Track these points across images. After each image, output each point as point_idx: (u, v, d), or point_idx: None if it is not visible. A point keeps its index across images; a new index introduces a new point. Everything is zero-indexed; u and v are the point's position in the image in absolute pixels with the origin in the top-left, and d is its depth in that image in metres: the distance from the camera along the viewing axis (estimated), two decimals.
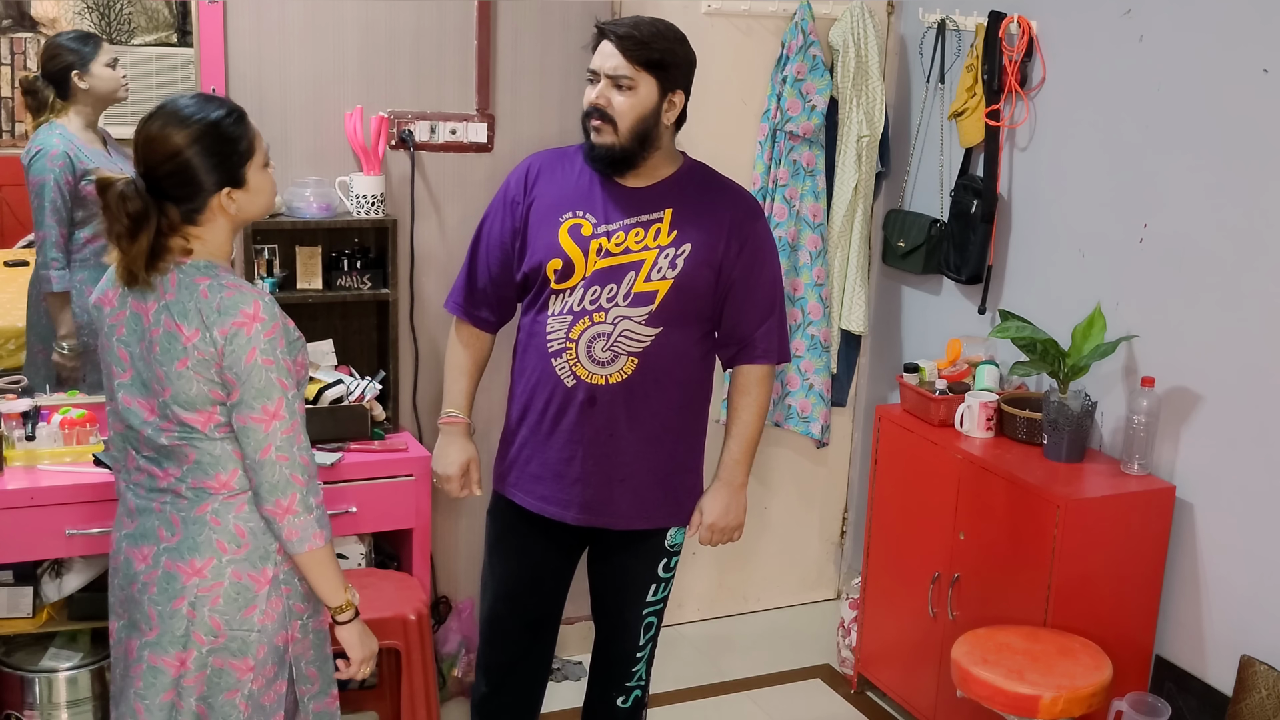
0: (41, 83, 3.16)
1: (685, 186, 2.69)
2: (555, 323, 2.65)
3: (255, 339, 2.13)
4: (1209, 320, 3.08)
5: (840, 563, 4.51)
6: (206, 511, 2.21)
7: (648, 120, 2.60)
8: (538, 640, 2.93)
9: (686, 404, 2.75)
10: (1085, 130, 3.41)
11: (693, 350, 2.71)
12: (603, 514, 2.72)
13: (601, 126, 2.59)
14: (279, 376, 2.15)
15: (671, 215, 2.64)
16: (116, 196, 2.12)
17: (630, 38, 2.55)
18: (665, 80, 2.60)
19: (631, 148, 2.60)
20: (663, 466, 2.73)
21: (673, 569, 2.85)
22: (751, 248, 2.69)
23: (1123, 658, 3.10)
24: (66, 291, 3.21)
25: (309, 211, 3.32)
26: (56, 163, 3.14)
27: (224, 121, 2.16)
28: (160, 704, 2.23)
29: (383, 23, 3.43)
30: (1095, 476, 3.19)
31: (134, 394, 2.21)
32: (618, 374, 2.64)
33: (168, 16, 3.28)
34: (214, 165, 2.15)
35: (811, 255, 3.91)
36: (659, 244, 2.62)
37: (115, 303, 2.22)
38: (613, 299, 2.61)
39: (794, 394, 4.00)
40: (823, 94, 3.83)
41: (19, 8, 3.15)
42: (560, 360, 2.65)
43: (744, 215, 2.70)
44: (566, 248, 2.63)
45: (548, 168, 2.74)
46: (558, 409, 2.68)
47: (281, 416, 2.16)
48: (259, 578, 2.23)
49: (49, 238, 3.17)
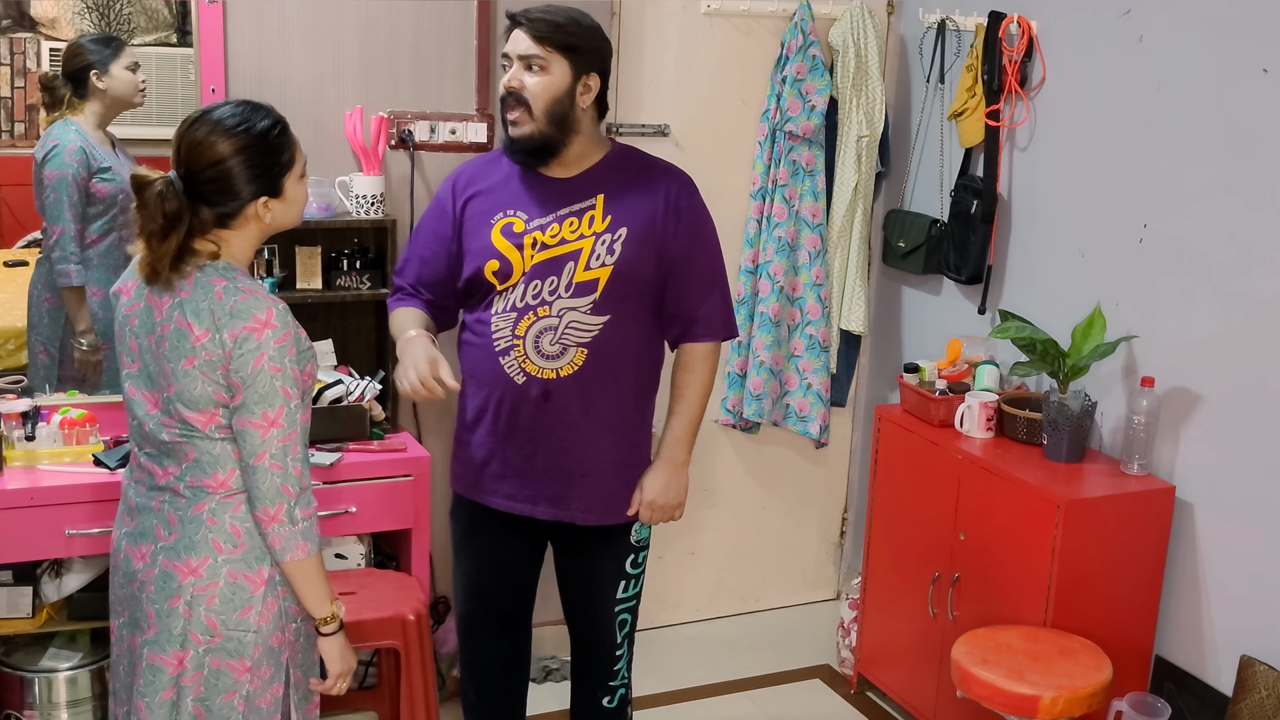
0: (60, 81, 3.17)
1: (615, 171, 2.68)
2: (500, 320, 2.63)
3: (265, 345, 2.14)
4: (1209, 320, 3.08)
5: (840, 563, 4.51)
6: (203, 511, 2.21)
7: (562, 101, 2.58)
8: (513, 637, 2.94)
9: (640, 392, 2.75)
10: (1085, 130, 3.41)
11: (641, 336, 2.70)
12: (569, 508, 2.71)
13: (519, 114, 2.57)
14: (284, 385, 2.16)
15: (604, 201, 2.63)
16: (155, 195, 2.12)
17: (540, 21, 2.56)
18: (577, 62, 2.58)
19: (550, 132, 2.58)
20: (623, 459, 2.73)
21: (641, 564, 2.84)
22: (689, 225, 2.68)
23: (1123, 658, 3.10)
24: (83, 286, 3.22)
25: (309, 211, 3.32)
26: (74, 159, 3.15)
27: (271, 133, 2.20)
28: (160, 701, 2.24)
29: (383, 23, 3.43)
30: (1095, 476, 3.19)
31: (139, 386, 2.22)
32: (568, 366, 2.62)
33: (168, 16, 3.28)
34: (256, 175, 2.17)
35: (811, 255, 3.91)
36: (594, 231, 2.61)
37: (132, 293, 2.24)
38: (555, 291, 2.60)
39: (792, 393, 4.00)
40: (822, 94, 3.83)
41: (19, 8, 3.15)
42: (509, 358, 2.63)
43: (679, 193, 2.69)
44: (501, 247, 2.62)
45: (476, 176, 2.73)
46: (511, 407, 2.66)
47: (280, 425, 2.16)
48: (254, 578, 2.23)
49: (66, 232, 3.17)
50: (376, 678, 3.55)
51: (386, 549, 3.52)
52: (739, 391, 4.01)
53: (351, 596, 3.11)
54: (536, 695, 3.65)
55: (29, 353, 3.30)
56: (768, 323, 3.91)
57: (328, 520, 3.15)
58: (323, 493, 3.10)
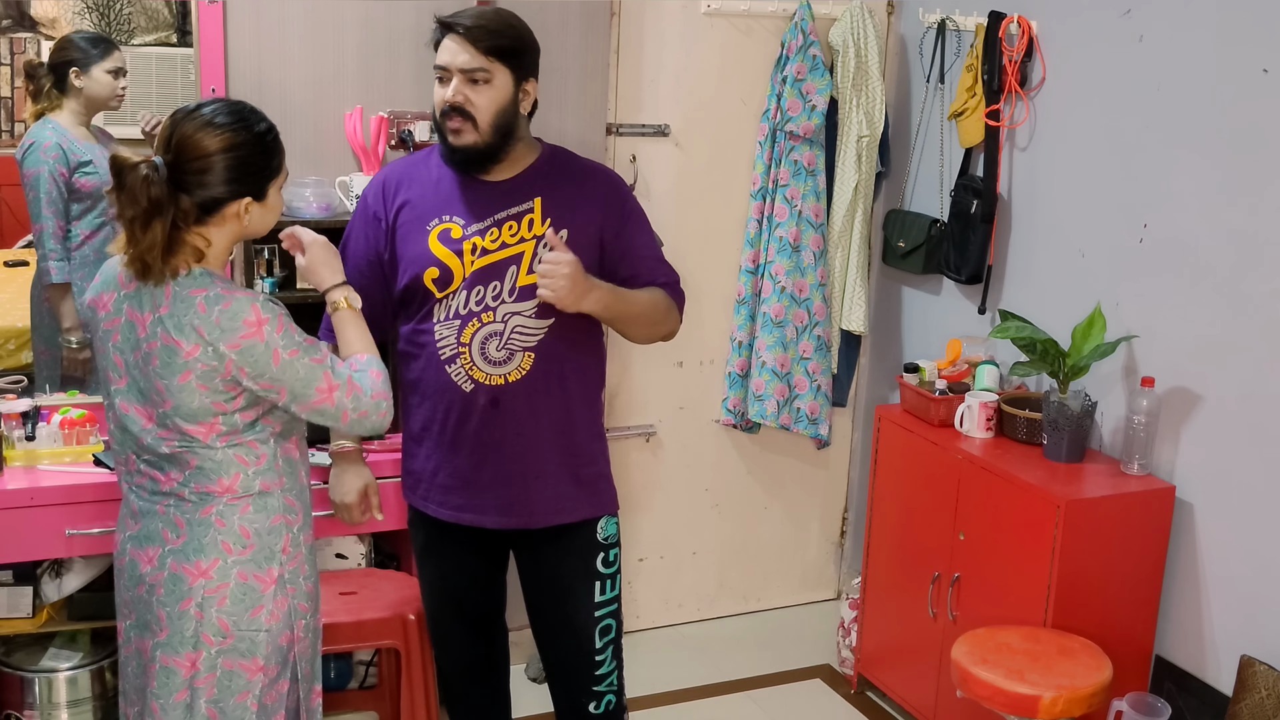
0: (43, 70, 3.17)
1: (550, 173, 2.65)
2: (443, 329, 2.60)
3: (271, 340, 2.14)
4: (1209, 320, 3.08)
5: (840, 563, 4.51)
6: (211, 513, 2.21)
7: (507, 113, 2.55)
8: (487, 637, 2.94)
9: (587, 394, 2.73)
10: (1085, 130, 3.41)
11: (586, 337, 2.69)
12: (520, 514, 2.69)
13: (461, 126, 2.53)
14: (310, 356, 2.19)
15: (542, 204, 2.60)
16: (141, 179, 2.09)
17: (479, 28, 2.50)
18: (518, 69, 2.55)
19: (495, 143, 2.56)
20: (574, 458, 2.70)
21: (614, 563, 2.78)
22: (626, 217, 2.69)
23: (1123, 658, 3.10)
24: (67, 283, 3.22)
25: (309, 211, 3.32)
26: (50, 155, 3.15)
27: (267, 136, 2.21)
28: (175, 703, 2.24)
29: (383, 23, 3.43)
30: (1095, 476, 3.19)
31: (131, 401, 2.21)
32: (516, 371, 2.60)
33: (168, 16, 3.28)
34: (246, 174, 2.17)
35: (815, 255, 3.91)
36: (535, 234, 2.59)
37: (110, 308, 2.21)
38: (498, 296, 2.58)
39: (802, 396, 3.99)
40: (823, 94, 3.83)
41: (19, 8, 3.15)
42: (455, 366, 2.60)
43: (614, 191, 2.69)
44: (440, 254, 2.58)
45: (405, 178, 2.68)
46: (459, 416, 2.63)
47: (336, 384, 2.22)
48: (264, 578, 2.23)
49: (46, 229, 3.18)
50: (377, 678, 3.55)
51: (387, 549, 3.53)
52: (740, 391, 4.01)
53: (351, 596, 3.11)
54: (535, 695, 3.65)
55: (34, 353, 3.31)
56: (770, 323, 3.91)
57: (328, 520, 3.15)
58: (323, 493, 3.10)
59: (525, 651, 3.76)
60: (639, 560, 4.16)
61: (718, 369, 4.11)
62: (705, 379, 4.11)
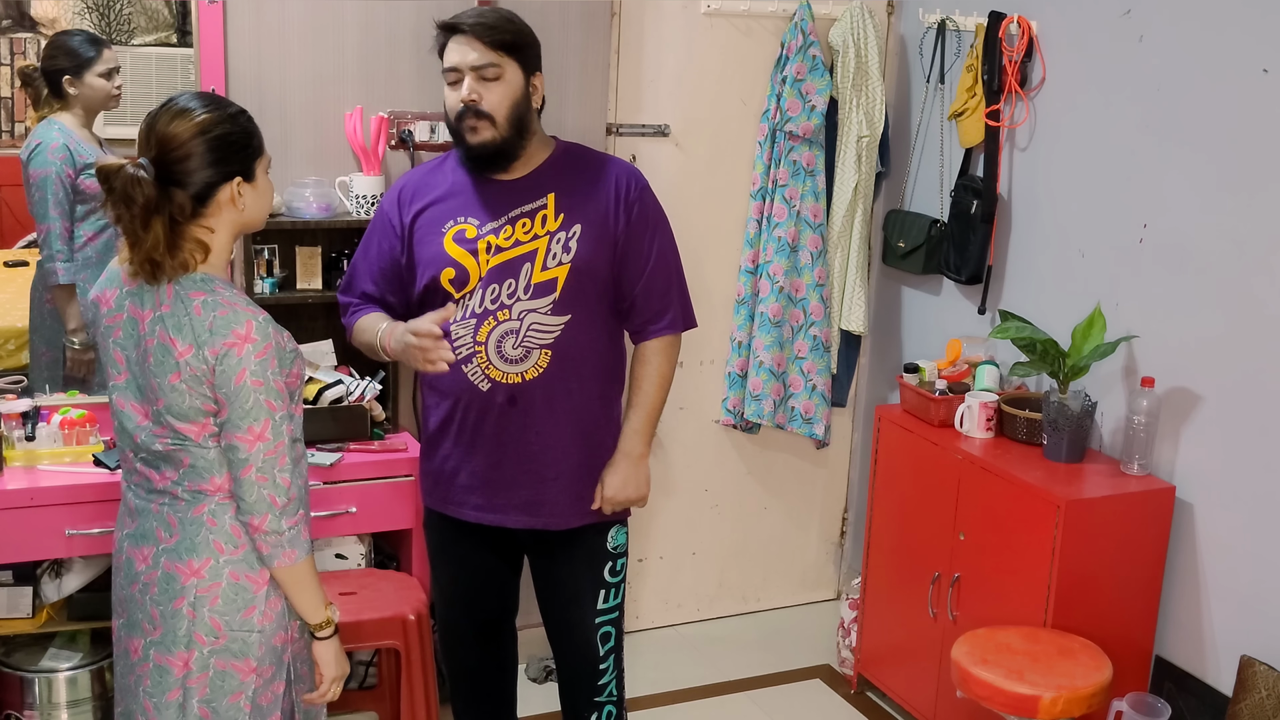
0: (38, 78, 3.18)
1: (563, 168, 2.65)
2: (460, 328, 2.59)
3: (246, 360, 2.12)
4: (1209, 320, 3.08)
5: (840, 563, 4.51)
6: (203, 512, 2.21)
7: (520, 106, 2.56)
8: (496, 640, 2.93)
9: (605, 391, 2.72)
10: (1085, 130, 3.41)
11: (603, 334, 2.68)
12: (540, 514, 2.69)
13: (478, 124, 2.54)
14: (268, 399, 2.14)
15: (555, 199, 2.61)
16: (130, 179, 2.08)
17: (483, 25, 2.52)
18: (525, 62, 2.57)
19: (512, 138, 2.57)
20: (590, 459, 2.70)
21: (620, 573, 2.80)
22: (640, 218, 2.65)
23: (1123, 658, 3.10)
24: (72, 284, 3.22)
25: (309, 211, 3.32)
26: (57, 155, 3.16)
27: (240, 117, 2.20)
28: (167, 703, 2.24)
29: (383, 23, 3.43)
30: (1095, 476, 3.19)
31: (128, 397, 2.21)
32: (533, 369, 2.60)
33: (168, 16, 3.28)
34: (231, 153, 2.16)
35: (813, 255, 3.91)
36: (548, 230, 2.59)
37: (112, 304, 2.22)
38: (514, 294, 2.58)
39: (797, 395, 3.99)
40: (822, 94, 3.83)
41: (19, 8, 3.15)
42: (471, 365, 2.60)
43: (629, 186, 2.66)
44: (455, 254, 2.59)
45: (422, 185, 2.69)
46: (477, 416, 2.63)
47: (266, 439, 2.16)
48: (256, 578, 2.23)
49: (53, 230, 3.18)
50: (376, 678, 3.55)
51: (387, 549, 3.53)
52: (739, 392, 4.01)
53: (351, 596, 3.12)
54: (536, 695, 3.65)
55: (32, 354, 3.30)
56: (768, 323, 3.91)
57: (328, 520, 3.15)
58: (323, 493, 3.11)
59: (526, 651, 3.76)
60: (639, 560, 4.16)
61: (718, 369, 4.11)
62: (705, 379, 4.11)
